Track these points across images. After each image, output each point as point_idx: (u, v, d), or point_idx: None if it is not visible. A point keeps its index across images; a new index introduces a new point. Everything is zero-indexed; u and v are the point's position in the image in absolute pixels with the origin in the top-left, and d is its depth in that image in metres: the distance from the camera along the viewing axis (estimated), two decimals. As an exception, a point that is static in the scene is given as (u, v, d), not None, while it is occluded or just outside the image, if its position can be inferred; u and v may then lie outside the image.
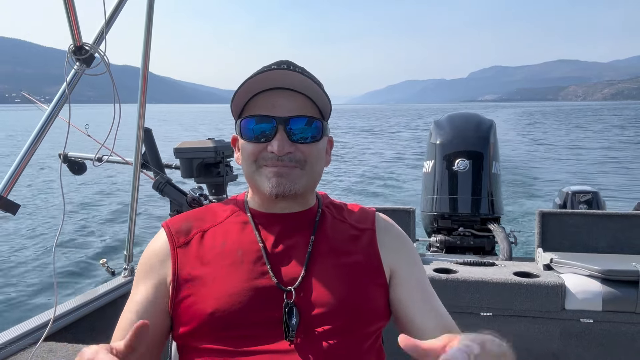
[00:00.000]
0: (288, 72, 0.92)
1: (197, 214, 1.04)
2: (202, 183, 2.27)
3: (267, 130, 0.93)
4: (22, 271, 6.43)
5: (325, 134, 1.00)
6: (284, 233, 0.97)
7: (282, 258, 0.94)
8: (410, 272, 1.00)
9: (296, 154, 0.94)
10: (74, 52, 1.62)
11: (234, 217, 1.01)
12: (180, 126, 50.77)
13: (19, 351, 1.51)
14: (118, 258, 2.32)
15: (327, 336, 0.87)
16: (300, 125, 0.94)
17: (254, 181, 0.97)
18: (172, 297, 0.93)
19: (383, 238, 1.02)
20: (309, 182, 0.98)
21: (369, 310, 0.93)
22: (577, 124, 49.58)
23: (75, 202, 10.74)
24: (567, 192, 4.05)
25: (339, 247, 0.98)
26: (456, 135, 3.93)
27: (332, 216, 1.03)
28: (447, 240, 3.70)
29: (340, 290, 0.91)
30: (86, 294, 1.96)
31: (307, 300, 0.89)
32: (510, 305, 2.23)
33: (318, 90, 0.95)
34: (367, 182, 14.09)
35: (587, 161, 18.67)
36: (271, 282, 0.90)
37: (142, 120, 2.06)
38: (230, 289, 0.89)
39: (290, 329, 0.86)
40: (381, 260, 0.99)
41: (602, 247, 2.52)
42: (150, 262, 0.97)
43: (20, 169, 1.59)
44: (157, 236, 1.01)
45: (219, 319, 0.87)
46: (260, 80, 0.93)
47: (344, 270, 0.94)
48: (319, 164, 0.99)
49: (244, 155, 0.98)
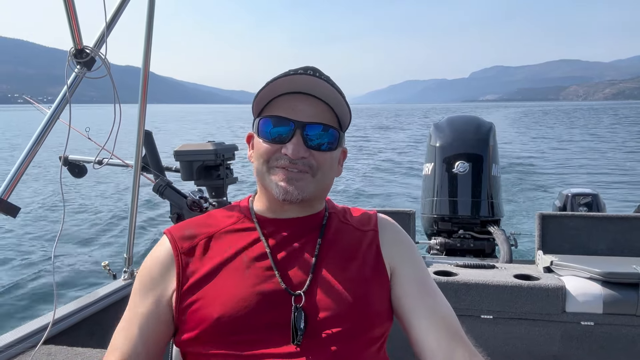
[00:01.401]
0: (313, 78, 0.93)
1: (201, 220, 1.04)
2: (202, 186, 2.27)
3: (285, 132, 0.94)
4: (22, 274, 6.42)
5: (341, 144, 1.00)
6: (290, 238, 0.97)
7: (288, 262, 0.94)
8: (410, 270, 1.00)
9: (310, 160, 0.94)
10: (74, 56, 1.63)
11: (240, 224, 1.01)
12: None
13: (18, 354, 1.51)
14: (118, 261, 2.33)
15: (334, 340, 0.88)
16: (317, 132, 0.94)
17: (264, 181, 0.97)
18: (177, 304, 0.92)
19: (384, 237, 1.03)
20: (318, 190, 0.98)
21: (375, 312, 0.94)
22: (578, 124, 49.60)
23: (76, 204, 10.74)
24: (567, 194, 4.05)
25: (345, 250, 0.98)
26: (456, 137, 3.93)
27: (337, 220, 1.04)
28: (447, 243, 3.70)
29: (347, 294, 0.91)
30: (85, 297, 1.95)
31: (315, 304, 0.90)
32: (511, 308, 2.23)
33: (340, 100, 0.96)
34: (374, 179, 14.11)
35: (588, 163, 18.68)
36: (279, 286, 0.90)
37: (142, 123, 2.06)
38: (237, 294, 0.89)
39: (298, 332, 0.86)
40: (383, 260, 0.99)
41: (602, 249, 2.52)
42: (153, 273, 0.96)
43: (21, 171, 1.60)
44: (160, 243, 1.00)
45: (226, 324, 0.87)
46: (285, 83, 0.94)
47: (351, 273, 0.95)
48: (330, 173, 0.99)
49: (257, 153, 0.98)
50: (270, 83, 0.94)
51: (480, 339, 2.26)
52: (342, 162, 1.06)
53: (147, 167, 2.19)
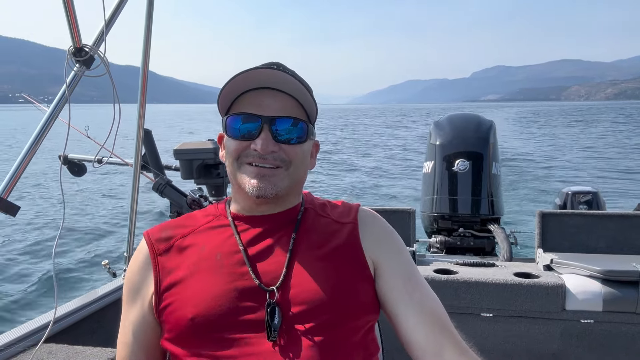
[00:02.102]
0: (276, 72, 0.92)
1: (178, 221, 1.04)
2: (202, 184, 2.27)
3: (253, 129, 0.93)
4: (23, 272, 6.43)
5: (311, 136, 1.00)
6: (264, 234, 0.97)
7: (262, 258, 0.94)
8: (393, 264, 0.98)
9: (280, 154, 0.93)
10: (73, 54, 1.62)
11: (215, 222, 1.01)
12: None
13: (19, 353, 1.51)
14: (118, 260, 2.33)
15: (311, 333, 0.87)
16: (286, 126, 0.94)
17: (236, 179, 0.97)
18: (156, 306, 0.93)
19: (365, 231, 1.00)
20: (292, 184, 0.97)
21: (353, 304, 0.92)
22: (579, 123, 49.58)
23: (76, 203, 10.74)
24: (567, 192, 4.05)
25: (320, 242, 0.97)
26: (456, 135, 3.93)
27: (314, 213, 1.03)
28: (447, 241, 3.70)
29: (322, 286, 0.90)
30: (86, 296, 1.96)
31: (289, 298, 0.89)
32: (511, 306, 2.23)
33: (305, 92, 0.94)
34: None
35: (588, 161, 18.67)
36: (252, 282, 0.90)
37: (142, 122, 2.06)
38: (210, 293, 0.89)
39: (272, 329, 0.85)
40: (364, 253, 0.97)
41: (602, 247, 2.52)
42: (134, 279, 0.98)
43: (21, 170, 1.59)
44: (138, 247, 1.01)
45: (200, 324, 0.87)
46: (248, 79, 0.93)
47: (325, 265, 0.93)
48: (303, 166, 0.98)
49: (227, 152, 0.98)
50: (233, 79, 0.92)
51: (480, 337, 2.27)
52: (315, 155, 1.05)
53: (147, 166, 2.19)
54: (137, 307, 0.96)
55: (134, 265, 0.99)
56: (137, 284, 0.97)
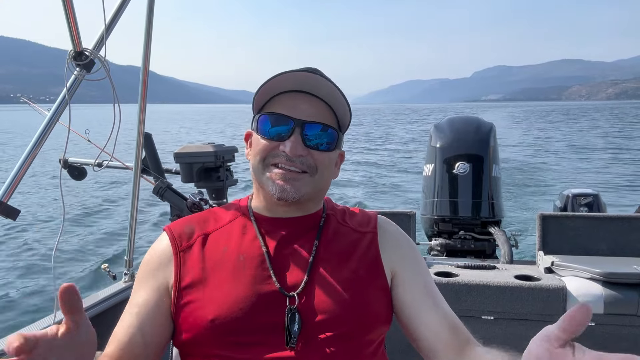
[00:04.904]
0: (315, 76, 0.92)
1: (200, 217, 1.03)
2: (202, 188, 2.27)
3: (284, 131, 0.93)
4: (22, 276, 6.42)
5: (339, 146, 1.00)
6: (287, 238, 0.96)
7: (285, 263, 0.93)
8: (413, 273, 0.99)
9: (307, 159, 0.93)
10: (74, 58, 1.63)
11: (237, 221, 1.00)
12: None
13: None
14: (118, 263, 2.33)
15: (329, 343, 0.86)
16: (316, 131, 0.94)
17: (259, 178, 0.96)
18: (174, 302, 0.92)
19: (384, 240, 1.01)
20: (315, 190, 0.97)
21: (371, 315, 0.92)
22: (579, 124, 49.55)
23: (76, 207, 10.74)
24: (568, 195, 4.05)
25: (342, 252, 0.97)
26: (456, 138, 3.93)
27: (335, 221, 1.03)
28: (447, 244, 3.69)
29: (343, 296, 0.90)
30: (86, 300, 1.95)
31: (310, 306, 0.88)
32: (512, 309, 2.22)
33: (341, 100, 0.95)
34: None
35: (589, 164, 18.66)
36: (274, 287, 0.89)
37: (142, 125, 2.06)
38: (232, 295, 0.88)
39: (291, 335, 0.85)
40: (382, 263, 0.98)
41: (603, 249, 2.52)
42: (152, 265, 0.96)
43: (21, 174, 1.59)
44: (159, 239, 1.00)
45: (220, 326, 0.86)
46: (286, 80, 0.93)
47: (347, 275, 0.93)
48: (328, 174, 0.98)
49: (255, 150, 0.97)
50: (272, 79, 0.92)
51: (481, 340, 2.26)
52: (339, 165, 1.05)
53: (147, 170, 2.19)
54: (149, 291, 0.93)
55: (154, 255, 0.97)
56: (154, 270, 0.95)
